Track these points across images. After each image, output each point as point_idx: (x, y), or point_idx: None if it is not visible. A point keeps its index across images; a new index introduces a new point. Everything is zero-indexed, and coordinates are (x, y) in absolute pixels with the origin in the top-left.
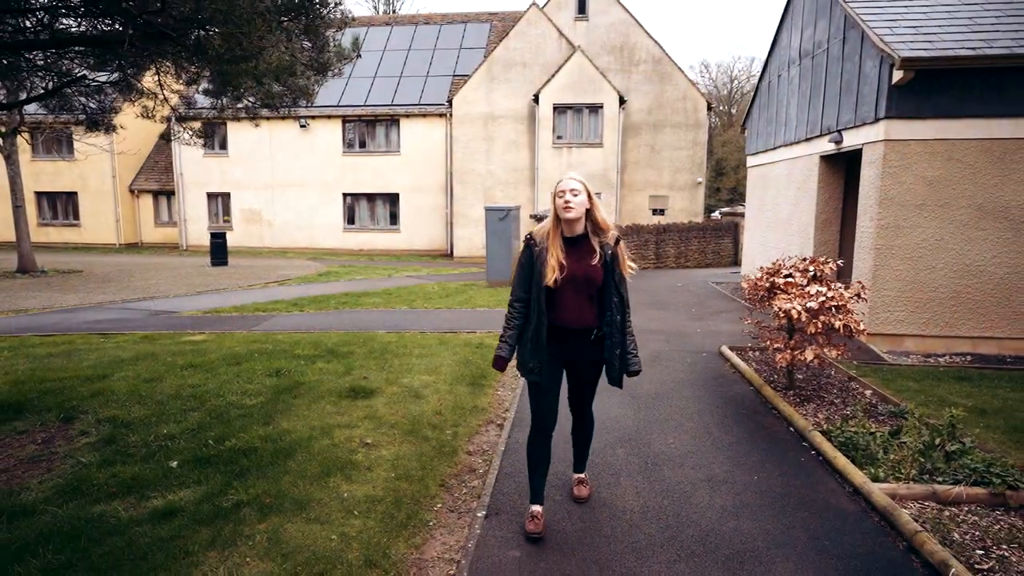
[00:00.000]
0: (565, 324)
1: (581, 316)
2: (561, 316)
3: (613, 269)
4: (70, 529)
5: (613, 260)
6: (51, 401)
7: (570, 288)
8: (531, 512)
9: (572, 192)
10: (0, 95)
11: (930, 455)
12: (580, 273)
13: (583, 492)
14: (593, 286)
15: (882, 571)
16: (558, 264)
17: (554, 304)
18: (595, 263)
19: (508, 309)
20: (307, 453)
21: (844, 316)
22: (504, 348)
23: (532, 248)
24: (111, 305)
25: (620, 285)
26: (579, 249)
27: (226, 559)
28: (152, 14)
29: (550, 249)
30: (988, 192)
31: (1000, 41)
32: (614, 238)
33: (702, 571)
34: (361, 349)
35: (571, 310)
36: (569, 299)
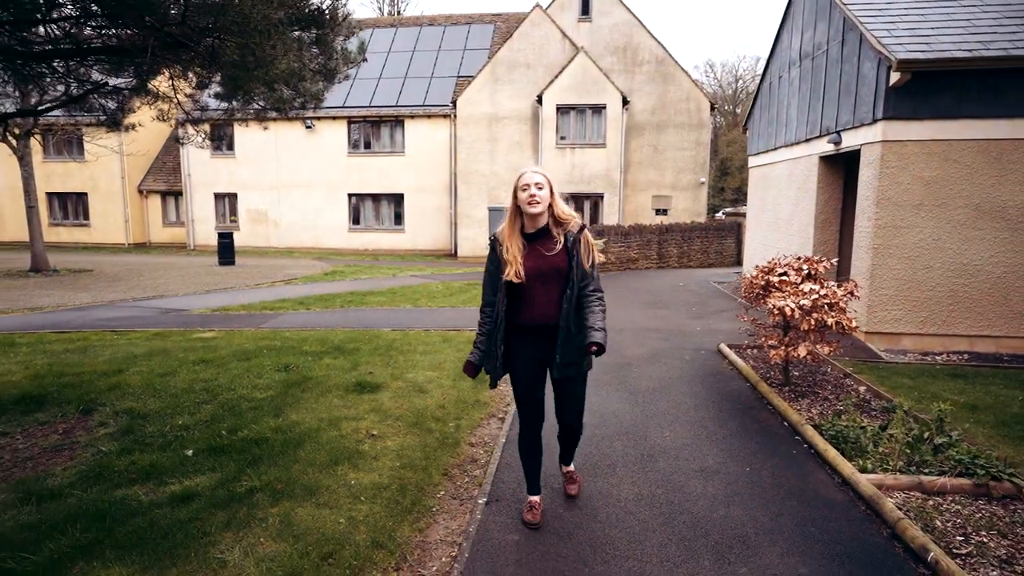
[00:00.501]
0: (536, 321)
1: (553, 311)
2: (532, 313)
3: (575, 256)
4: (95, 511)
5: (575, 247)
6: (70, 394)
7: (539, 283)
8: (529, 502)
9: (537, 186)
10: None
11: (918, 448)
12: (545, 266)
13: (573, 489)
14: (562, 277)
15: (865, 555)
16: (515, 258)
17: (524, 301)
18: (558, 253)
19: (479, 315)
20: (316, 443)
21: (837, 314)
22: (475, 354)
23: (496, 248)
24: (122, 303)
25: (582, 275)
26: (542, 243)
27: (241, 539)
28: (172, 25)
29: (507, 245)
30: (985, 192)
31: (997, 43)
32: (577, 227)
33: (692, 554)
34: (367, 346)
35: (541, 306)
36: (539, 295)
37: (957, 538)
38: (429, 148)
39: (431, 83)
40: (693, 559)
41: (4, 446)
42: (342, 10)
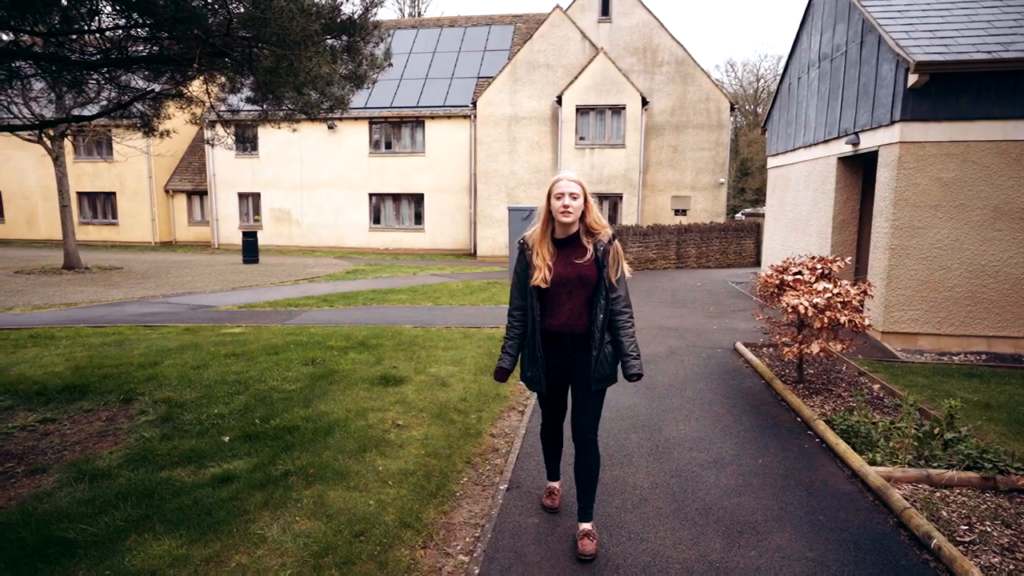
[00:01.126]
0: (559, 330)
1: (577, 321)
2: (556, 321)
3: (604, 267)
4: (143, 489)
5: (605, 258)
6: (110, 384)
7: (564, 291)
8: (548, 488)
9: (571, 195)
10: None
11: (928, 443)
12: (573, 275)
13: (588, 547)
14: (589, 287)
15: (870, 542)
16: (545, 265)
17: (549, 309)
18: (586, 262)
19: (508, 319)
20: (345, 432)
21: (850, 312)
22: (505, 359)
23: (525, 252)
24: (153, 300)
25: (609, 286)
26: (571, 250)
27: (278, 517)
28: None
29: (537, 249)
30: (1004, 193)
31: (1017, 45)
32: (608, 237)
33: (703, 538)
34: (390, 342)
35: (565, 314)
36: (563, 303)
37: (961, 527)
38: (449, 148)
39: (451, 84)
40: (704, 542)
41: (53, 431)
42: (372, 19)
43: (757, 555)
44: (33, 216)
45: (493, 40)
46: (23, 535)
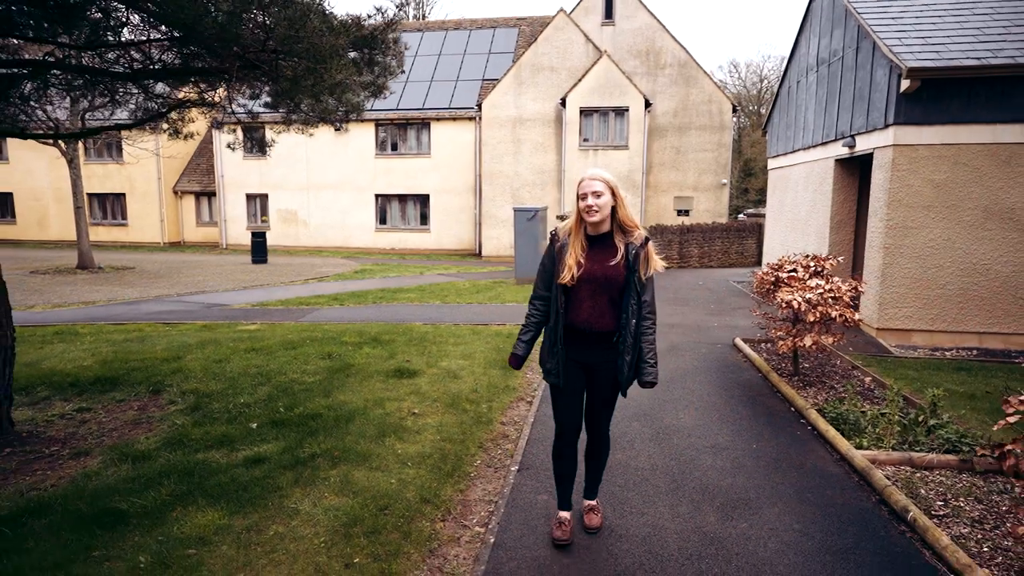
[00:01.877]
0: (580, 326)
1: (599, 319)
2: (578, 317)
3: (635, 270)
4: (183, 469)
5: (635, 261)
6: (139, 376)
7: (587, 288)
8: (559, 518)
9: (595, 195)
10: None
11: (913, 429)
12: (599, 273)
13: (594, 521)
14: (614, 288)
15: (853, 516)
16: (575, 262)
17: (572, 305)
18: (616, 263)
19: (528, 307)
20: (364, 419)
21: (841, 307)
22: (520, 347)
23: (554, 245)
24: (168, 298)
25: (641, 288)
26: (602, 249)
27: (308, 494)
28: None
29: (570, 247)
30: (994, 195)
31: (1006, 51)
32: (641, 239)
33: (699, 513)
34: (402, 338)
35: (587, 312)
36: (586, 300)
37: (937, 503)
38: (454, 150)
39: (456, 86)
40: (700, 516)
41: (90, 419)
42: (392, 35)
43: (748, 527)
44: (44, 217)
45: (497, 43)
46: (79, 507)
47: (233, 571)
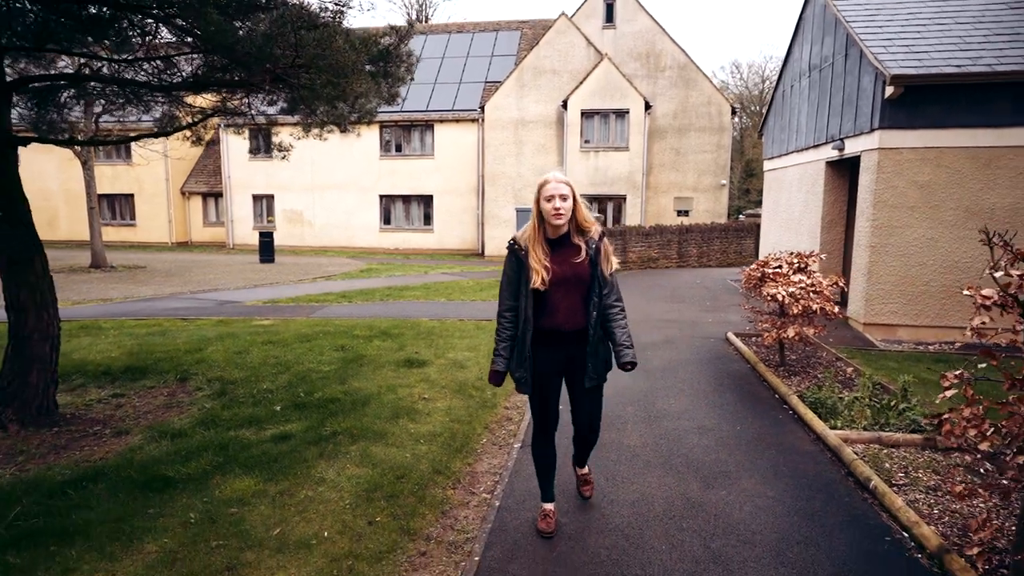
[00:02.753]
0: (559, 327)
1: (575, 317)
2: (554, 319)
3: (597, 265)
4: (218, 444)
5: (597, 255)
6: (166, 366)
7: (561, 290)
8: (543, 510)
9: (562, 198)
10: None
11: (885, 412)
12: (569, 273)
13: (587, 491)
14: (583, 285)
15: (821, 485)
16: (543, 266)
17: (546, 308)
18: (582, 261)
19: (498, 320)
20: (379, 403)
21: (821, 300)
22: (499, 362)
23: (517, 253)
24: (182, 296)
25: (602, 282)
26: (564, 249)
27: (332, 465)
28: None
29: (532, 251)
30: (974, 196)
31: (984, 59)
32: (598, 234)
33: (683, 482)
34: (410, 332)
35: (563, 312)
36: (561, 301)
37: (899, 475)
38: (457, 151)
39: (460, 88)
40: (684, 484)
41: (125, 403)
42: (404, 48)
43: (727, 494)
44: (54, 218)
45: (500, 46)
46: (130, 474)
47: (271, 526)
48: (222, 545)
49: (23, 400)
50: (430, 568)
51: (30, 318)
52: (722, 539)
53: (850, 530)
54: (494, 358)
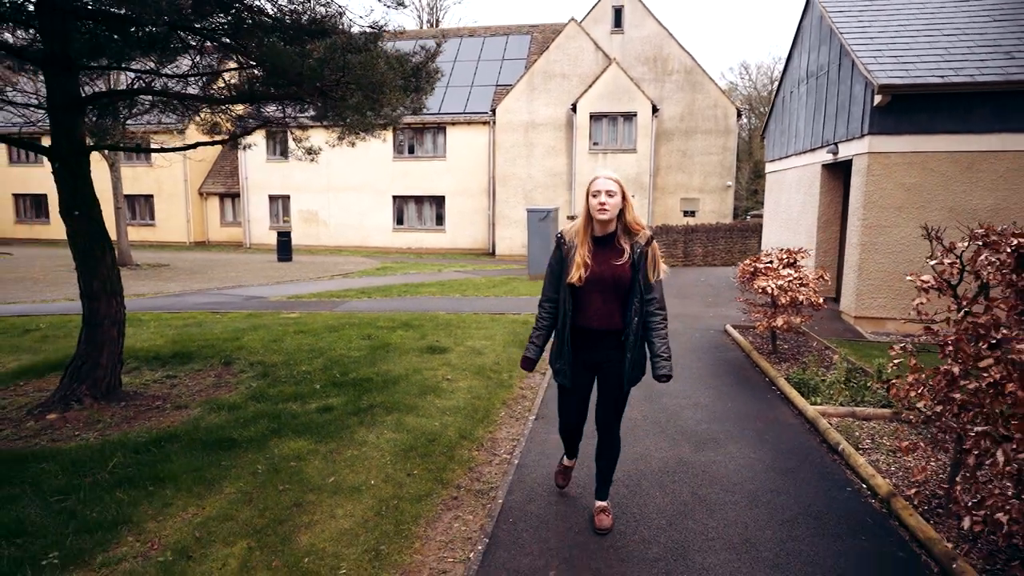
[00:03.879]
0: (590, 326)
1: (608, 318)
2: (587, 317)
3: (640, 268)
4: (270, 414)
5: (641, 260)
6: (209, 352)
7: (596, 289)
8: (563, 465)
9: (608, 193)
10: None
11: (862, 391)
12: (607, 273)
13: (605, 522)
14: (622, 287)
15: (798, 449)
16: (583, 263)
17: (580, 305)
18: (623, 263)
19: (538, 310)
20: (407, 382)
21: (807, 292)
22: (531, 349)
23: (562, 247)
24: (208, 291)
25: (647, 288)
26: (608, 249)
27: (371, 431)
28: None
29: (578, 248)
30: (958, 197)
31: (966, 70)
32: (646, 238)
33: (677, 446)
34: (429, 323)
35: (596, 311)
36: (595, 300)
37: (866, 441)
38: (469, 153)
39: (471, 91)
40: (678, 448)
41: (178, 383)
42: (432, 66)
43: (714, 455)
44: None
45: (511, 49)
46: (199, 436)
47: (325, 476)
48: (287, 489)
49: (95, 378)
50: (461, 508)
51: (102, 305)
52: (707, 488)
53: (817, 482)
54: (528, 344)
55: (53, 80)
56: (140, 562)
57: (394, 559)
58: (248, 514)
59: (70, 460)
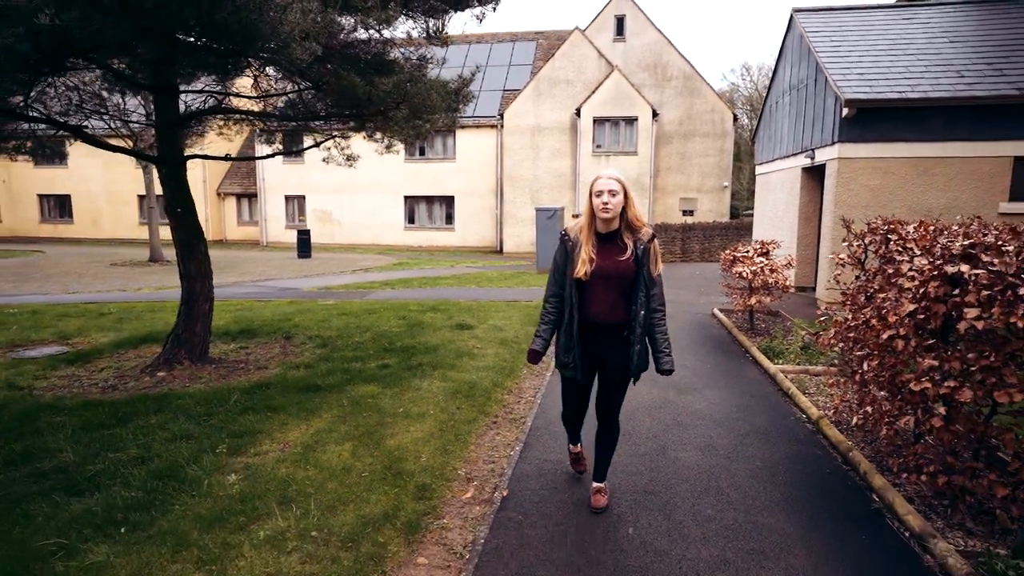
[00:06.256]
0: (595, 320)
1: (612, 312)
2: (591, 311)
3: (644, 264)
4: (340, 369)
5: (645, 256)
6: (269, 329)
7: (600, 283)
8: (572, 452)
9: (610, 193)
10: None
11: (816, 356)
12: (611, 269)
13: (601, 501)
14: (625, 282)
15: (758, 394)
16: (588, 258)
17: (585, 300)
18: (626, 259)
19: (543, 305)
20: (445, 350)
21: (775, 275)
22: (538, 342)
23: (566, 244)
24: (243, 284)
25: (650, 282)
26: (612, 245)
27: (423, 381)
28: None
29: (583, 244)
30: (915, 197)
31: (921, 87)
32: (648, 235)
33: (664, 392)
34: (454, 308)
35: (601, 305)
36: (599, 294)
37: (811, 388)
38: (478, 155)
39: (479, 96)
40: (664, 393)
41: (251, 352)
42: (467, 90)
43: (692, 398)
44: (98, 217)
45: (517, 55)
46: (290, 384)
47: (396, 407)
48: (369, 415)
49: (191, 345)
50: (500, 428)
51: (197, 285)
52: (684, 417)
53: (768, 413)
54: (534, 338)
55: (160, 102)
56: (280, 454)
57: (457, 454)
58: (346, 429)
59: (200, 398)
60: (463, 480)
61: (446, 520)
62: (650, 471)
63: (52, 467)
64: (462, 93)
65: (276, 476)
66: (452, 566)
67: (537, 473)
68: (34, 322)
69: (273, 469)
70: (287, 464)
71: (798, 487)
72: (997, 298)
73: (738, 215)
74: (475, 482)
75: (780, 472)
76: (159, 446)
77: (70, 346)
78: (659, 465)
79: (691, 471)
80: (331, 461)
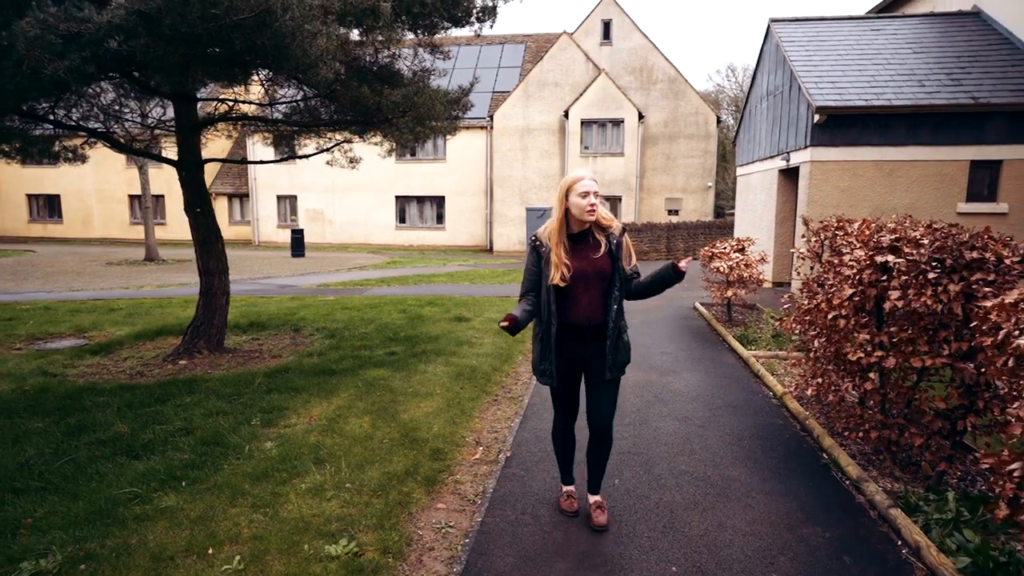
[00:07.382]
0: (579, 322)
1: (595, 313)
2: (575, 314)
3: (618, 258)
4: (350, 356)
5: (618, 250)
6: (277, 322)
7: (581, 285)
8: (565, 492)
9: (595, 194)
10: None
11: (786, 343)
12: (589, 269)
13: (601, 519)
14: (604, 280)
15: (732, 375)
16: (563, 263)
17: (567, 303)
18: (601, 255)
19: (519, 302)
20: (446, 339)
21: (749, 270)
22: (518, 310)
23: (539, 250)
24: (243, 281)
25: (624, 277)
26: (584, 244)
27: (428, 366)
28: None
29: (553, 248)
30: (882, 197)
31: (886, 95)
32: (619, 229)
33: (647, 374)
34: (450, 302)
35: (584, 306)
36: (581, 296)
37: (780, 370)
38: (468, 156)
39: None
40: (647, 375)
41: (263, 343)
42: (466, 99)
43: (672, 379)
44: (88, 217)
45: (506, 58)
46: (306, 369)
47: (406, 387)
48: (383, 394)
49: (209, 336)
50: (500, 405)
51: (215, 280)
52: (665, 394)
53: (739, 391)
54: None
55: (181, 109)
56: (308, 425)
57: (464, 425)
58: (363, 405)
59: (226, 381)
60: (471, 445)
61: (459, 476)
62: (634, 437)
63: (109, 436)
64: (462, 102)
65: (307, 443)
66: (467, 510)
67: (535, 439)
68: (49, 317)
69: (303, 437)
70: (315, 433)
71: (760, 449)
72: (912, 282)
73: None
74: (482, 447)
75: (746, 438)
76: (199, 420)
77: (88, 339)
78: (642, 433)
79: (669, 437)
80: (354, 431)
